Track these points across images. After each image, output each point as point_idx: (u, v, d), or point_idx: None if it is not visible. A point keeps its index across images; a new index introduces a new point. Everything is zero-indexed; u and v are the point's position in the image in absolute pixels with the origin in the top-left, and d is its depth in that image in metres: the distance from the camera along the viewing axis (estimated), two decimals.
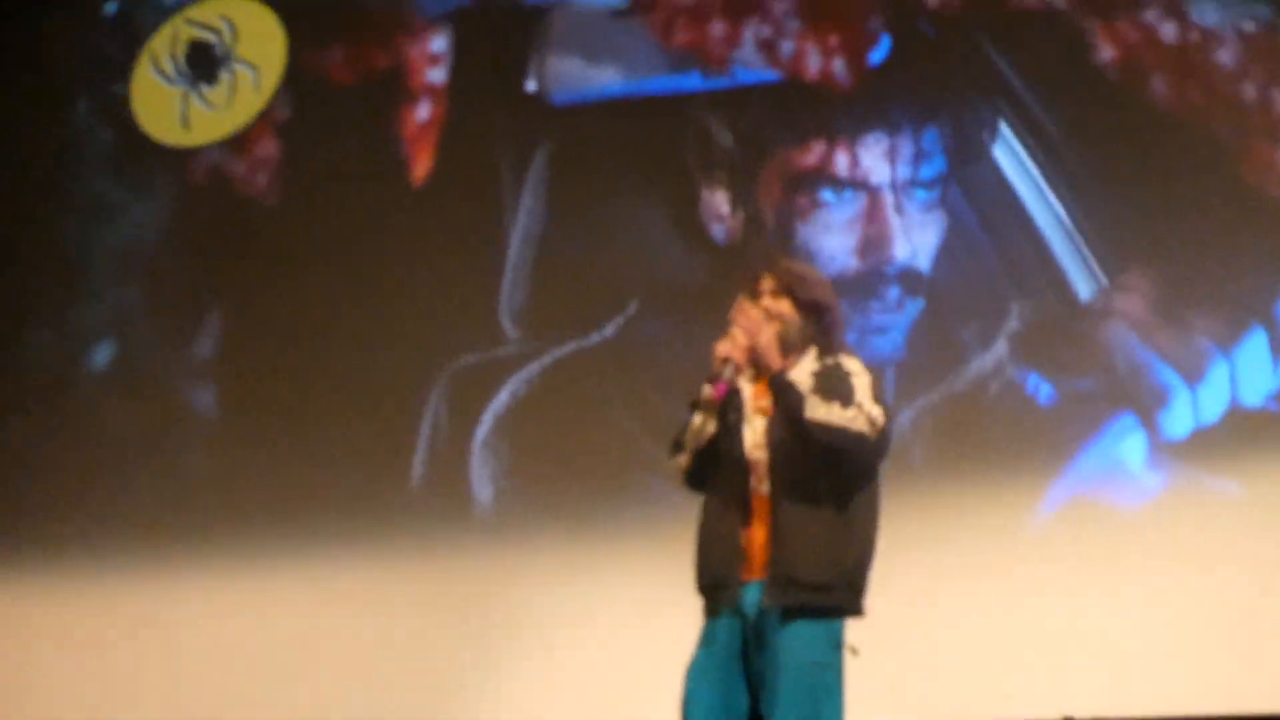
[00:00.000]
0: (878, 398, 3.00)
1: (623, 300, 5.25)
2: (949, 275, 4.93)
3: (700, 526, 3.06)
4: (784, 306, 3.08)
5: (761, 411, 3.05)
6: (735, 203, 5.22)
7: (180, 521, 5.55)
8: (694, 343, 3.36)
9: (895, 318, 4.94)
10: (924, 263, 4.97)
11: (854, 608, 2.99)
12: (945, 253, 4.95)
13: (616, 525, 5.02)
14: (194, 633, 5.43)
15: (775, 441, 3.01)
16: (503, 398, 5.32)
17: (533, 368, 5.31)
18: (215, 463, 5.63)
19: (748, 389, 3.08)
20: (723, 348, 3.02)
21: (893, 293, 4.95)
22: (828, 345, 3.07)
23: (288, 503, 5.45)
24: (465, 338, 5.42)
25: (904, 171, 5.01)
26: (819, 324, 3.08)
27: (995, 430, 4.74)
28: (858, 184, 5.06)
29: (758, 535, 2.97)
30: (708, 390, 3.01)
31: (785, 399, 2.97)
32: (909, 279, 4.96)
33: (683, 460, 3.07)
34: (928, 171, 5.01)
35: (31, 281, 6.11)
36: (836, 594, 2.93)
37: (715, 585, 3.00)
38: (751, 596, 2.96)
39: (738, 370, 3.02)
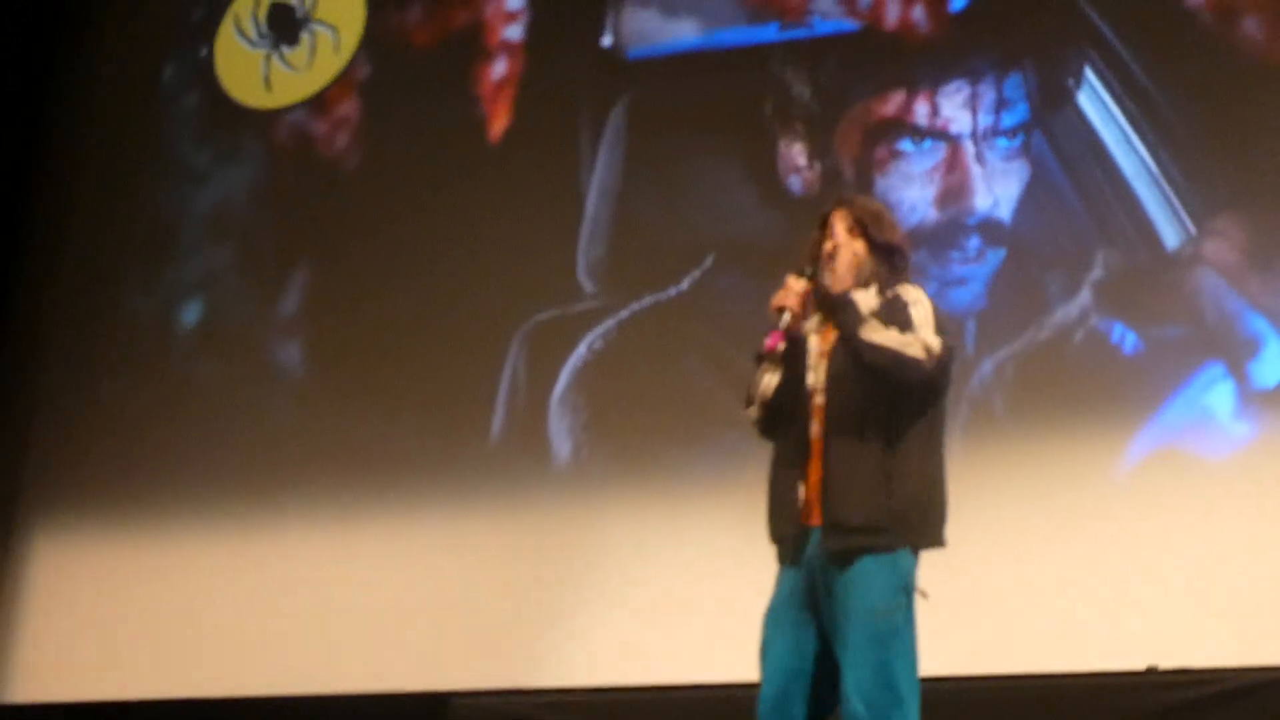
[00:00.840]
0: (938, 328, 2.94)
1: (699, 254, 5.20)
2: (1031, 224, 4.83)
3: (769, 478, 3.03)
4: (858, 246, 3.03)
5: (825, 356, 3.01)
6: (813, 155, 5.15)
7: (266, 474, 5.58)
8: (771, 296, 3.25)
9: (976, 268, 4.85)
10: (1005, 212, 4.87)
11: (921, 542, 2.91)
12: (1027, 202, 4.85)
13: (693, 478, 4.99)
14: (279, 583, 5.45)
15: (830, 381, 2.96)
16: (580, 353, 5.29)
17: (609, 323, 5.29)
18: (300, 417, 5.65)
19: (814, 338, 3.03)
20: (777, 297, 2.98)
21: (973, 243, 4.85)
22: (892, 285, 3.02)
23: (371, 457, 5.45)
24: (543, 293, 5.41)
25: (985, 120, 4.92)
26: (889, 266, 3.02)
27: (1079, 380, 4.64)
28: (938, 133, 4.98)
29: (814, 481, 2.92)
30: (765, 342, 3.00)
31: (843, 315, 2.93)
32: (990, 229, 4.86)
33: (753, 413, 3.06)
34: (1010, 120, 4.91)
35: (124, 244, 6.15)
36: (888, 535, 2.86)
37: (779, 535, 2.97)
38: (813, 543, 2.92)
39: (795, 319, 2.98)
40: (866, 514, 2.86)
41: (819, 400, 2.96)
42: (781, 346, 2.97)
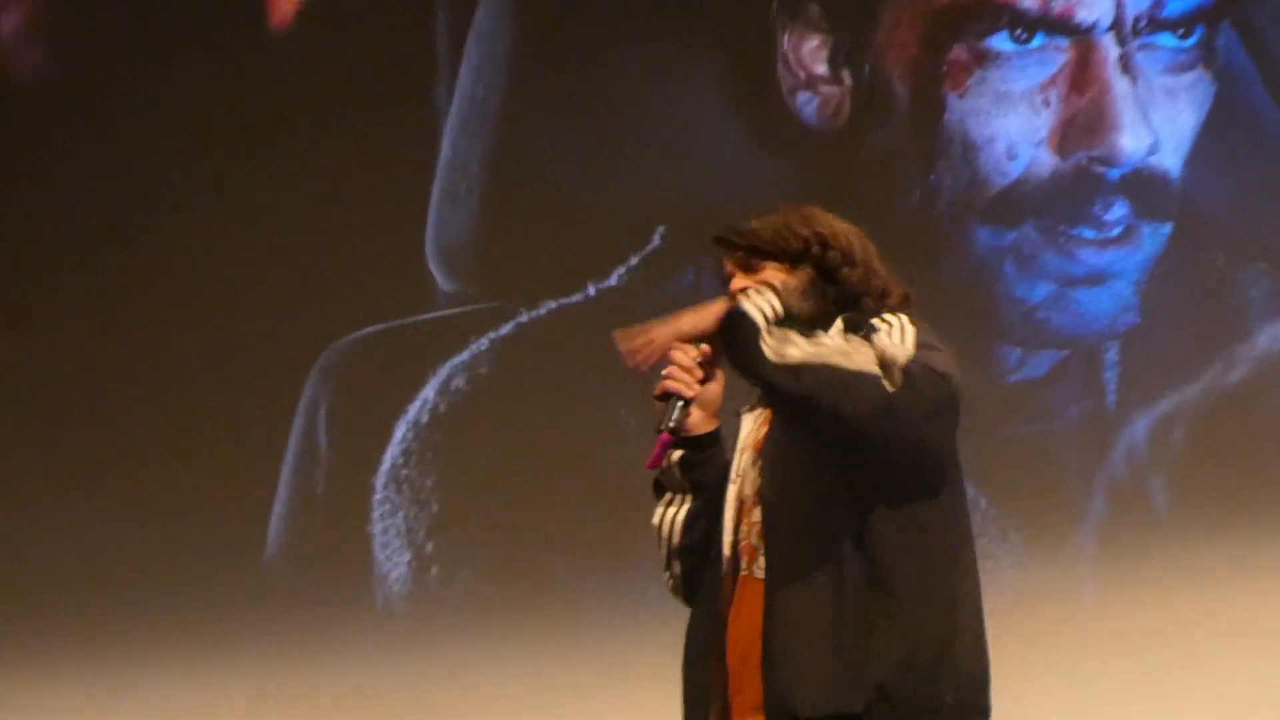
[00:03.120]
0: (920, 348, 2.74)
1: (639, 229, 5.07)
2: (1215, 185, 4.78)
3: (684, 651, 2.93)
4: (770, 273, 2.89)
5: (752, 448, 2.95)
6: (838, 58, 5.02)
7: None
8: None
9: (1121, 254, 4.81)
10: (1172, 162, 4.76)
11: None
12: (1208, 146, 4.76)
13: (606, 608, 5.06)
14: None
15: (766, 484, 2.87)
16: (428, 396, 5.19)
17: (480, 344, 5.20)
18: None
19: (748, 425, 2.95)
20: (660, 383, 2.87)
21: (1116, 212, 4.79)
22: (858, 306, 2.85)
23: (71, 583, 5.47)
24: (363, 295, 5.28)
25: (1136, 5, 4.81)
26: (828, 278, 2.85)
27: None
28: (1056, 25, 4.85)
29: (742, 648, 2.88)
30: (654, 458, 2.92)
31: (734, 336, 2.75)
32: (1146, 189, 4.76)
33: (665, 577, 3.04)
34: (1177, 5, 4.81)
35: None
36: None
37: None
38: None
39: (687, 410, 2.89)
40: (826, 693, 2.76)
41: (752, 519, 2.89)
42: (673, 458, 2.89)
